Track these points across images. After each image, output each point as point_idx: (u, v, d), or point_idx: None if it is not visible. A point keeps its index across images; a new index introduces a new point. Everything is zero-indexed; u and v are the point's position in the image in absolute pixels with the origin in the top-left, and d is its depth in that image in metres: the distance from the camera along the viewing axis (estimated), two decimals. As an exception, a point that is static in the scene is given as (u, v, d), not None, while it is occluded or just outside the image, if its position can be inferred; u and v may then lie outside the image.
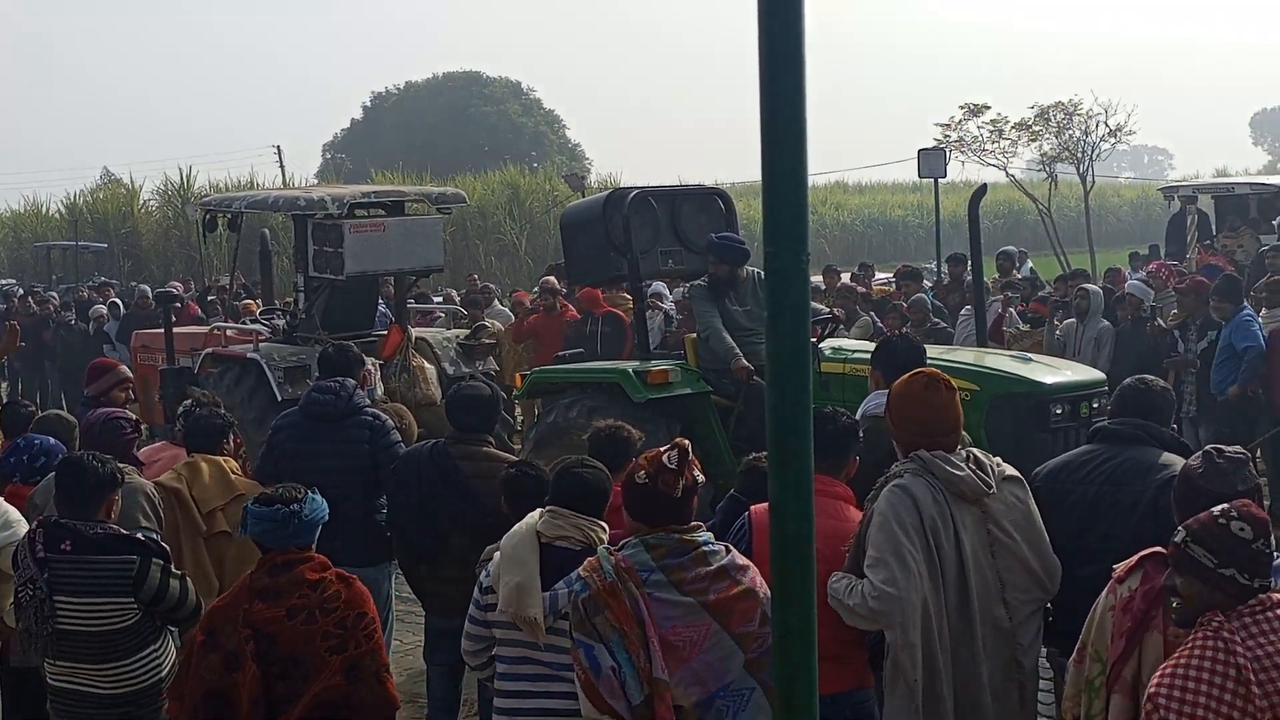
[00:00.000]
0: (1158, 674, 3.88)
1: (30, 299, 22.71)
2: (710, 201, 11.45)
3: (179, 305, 17.37)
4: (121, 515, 5.86)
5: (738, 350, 9.54)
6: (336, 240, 12.19)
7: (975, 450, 5.19)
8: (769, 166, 3.03)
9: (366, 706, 5.03)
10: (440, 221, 13.48)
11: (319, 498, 5.22)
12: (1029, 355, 9.83)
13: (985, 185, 11.37)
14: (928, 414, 5.14)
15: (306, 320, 12.68)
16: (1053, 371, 9.02)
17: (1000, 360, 9.15)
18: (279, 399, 11.67)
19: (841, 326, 13.49)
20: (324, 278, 12.45)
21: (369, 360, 10.51)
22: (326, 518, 5.26)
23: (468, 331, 14.02)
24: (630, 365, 10.07)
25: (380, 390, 11.73)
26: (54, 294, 24.39)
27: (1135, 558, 4.45)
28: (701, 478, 4.78)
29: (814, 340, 9.25)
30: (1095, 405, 8.63)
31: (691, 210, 11.17)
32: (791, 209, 3.04)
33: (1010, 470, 5.24)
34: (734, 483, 6.28)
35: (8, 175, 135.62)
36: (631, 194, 10.68)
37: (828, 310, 11.17)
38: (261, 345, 12.42)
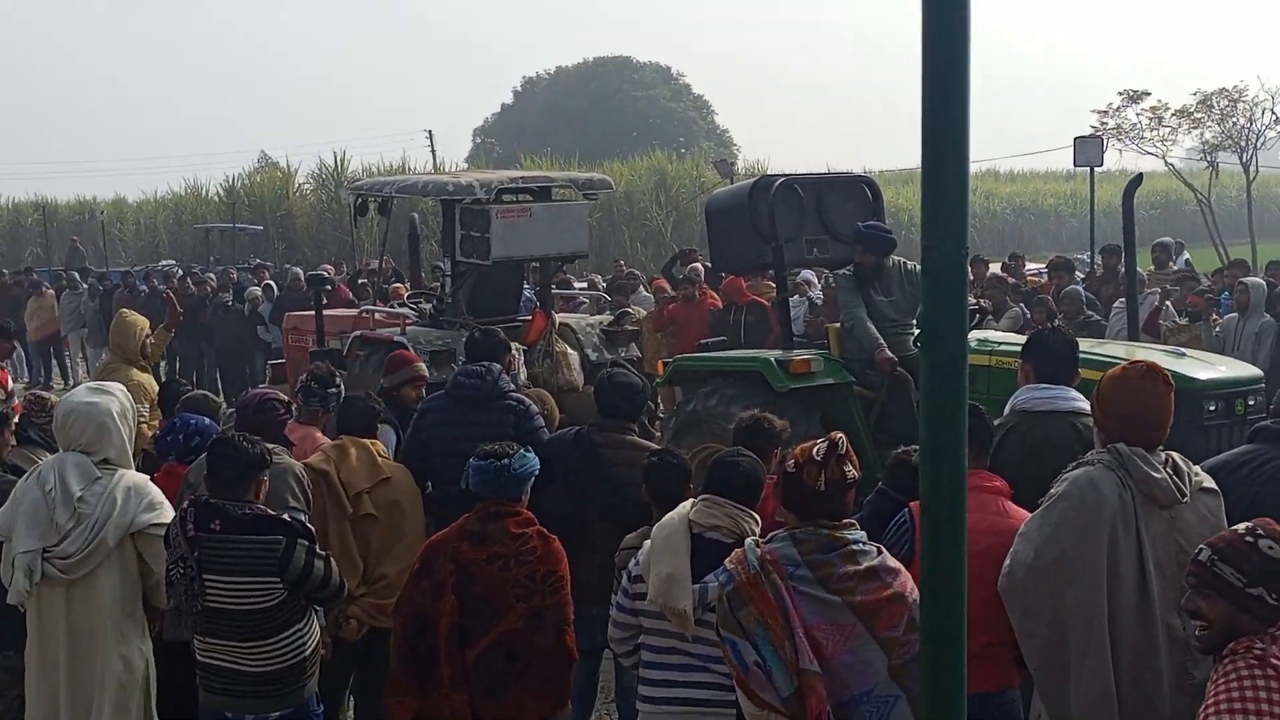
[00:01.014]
0: (1212, 708, 3.65)
1: (189, 279, 23.30)
2: (857, 189, 11.31)
3: (330, 288, 17.65)
4: (271, 495, 5.94)
5: (882, 341, 9.41)
6: (484, 225, 12.27)
7: (1175, 455, 5.00)
8: (930, 162, 2.96)
9: (544, 653, 5.56)
10: (586, 208, 13.50)
11: (531, 454, 5.76)
12: (1182, 350, 9.59)
13: (1140, 175, 11.10)
14: (1139, 404, 4.96)
15: (453, 305, 12.79)
16: (1207, 367, 8.80)
17: (1152, 354, 8.89)
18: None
19: (990, 318, 13.30)
20: (470, 262, 12.55)
21: (514, 345, 10.57)
22: (536, 472, 5.78)
23: (611, 317, 14.04)
24: (772, 354, 10.01)
25: (524, 375, 11.80)
26: (211, 275, 24.99)
27: None
28: (853, 473, 4.69)
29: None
30: (1251, 402, 8.41)
31: (838, 199, 11.04)
32: (952, 204, 2.98)
33: (1209, 482, 5.02)
34: (882, 476, 6.20)
35: (170, 159, 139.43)
36: (777, 182, 10.59)
37: (975, 301, 10.99)
38: (408, 329, 12.56)
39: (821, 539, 4.64)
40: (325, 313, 13.92)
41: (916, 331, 9.75)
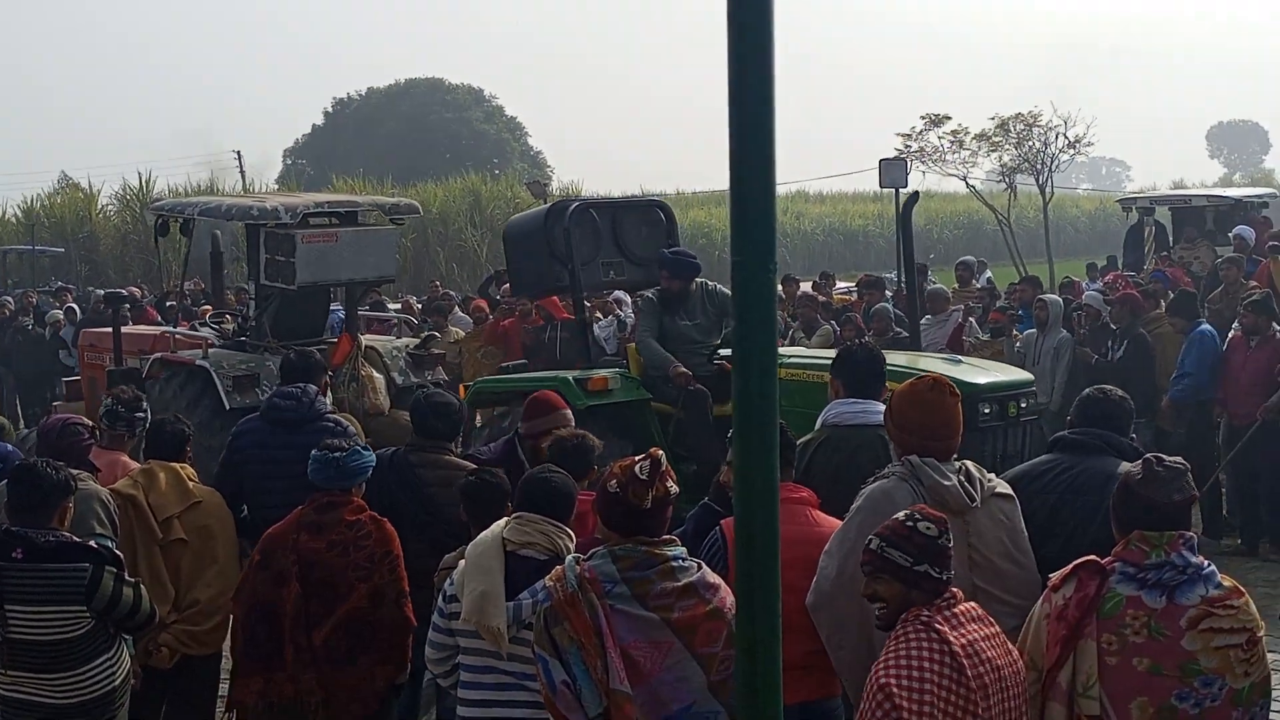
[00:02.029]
0: (881, 665, 4.08)
1: (-14, 304, 22.50)
2: (651, 213, 11.62)
3: (128, 306, 17.24)
4: (76, 522, 5.81)
5: (671, 358, 9.70)
6: (289, 250, 12.11)
7: (969, 464, 5.17)
8: (737, 176, 3.02)
9: (388, 625, 5.99)
10: (394, 232, 13.46)
11: (367, 452, 6.21)
12: (959, 357, 10.15)
13: (917, 193, 11.63)
14: (928, 416, 5.13)
15: (257, 328, 12.60)
16: (981, 372, 9.27)
17: (931, 362, 9.36)
18: (227, 407, 11.59)
19: (802, 335, 13.59)
20: (275, 286, 12.36)
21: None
22: (370, 469, 6.19)
23: (418, 341, 13.99)
24: (570, 373, 10.13)
25: (329, 399, 11.68)
26: (9, 298, 24.17)
27: (1070, 566, 4.47)
28: (675, 489, 4.72)
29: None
30: (1023, 404, 8.90)
31: (633, 222, 11.32)
32: (759, 219, 3.04)
33: (1003, 487, 5.20)
34: (710, 492, 6.28)
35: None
36: (572, 205, 10.84)
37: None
38: (211, 352, 12.29)
39: (640, 556, 4.65)
40: (124, 331, 13.59)
41: (714, 347, 10.03)
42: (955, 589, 4.27)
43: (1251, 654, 4.27)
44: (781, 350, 9.52)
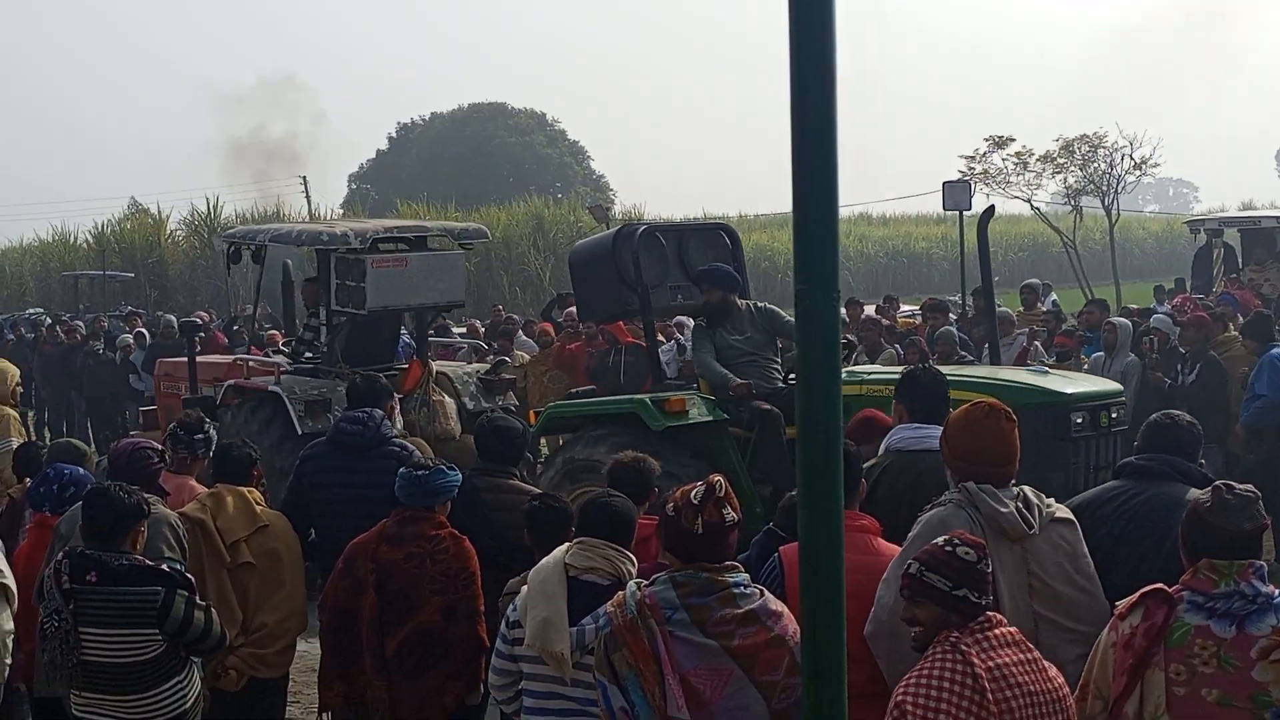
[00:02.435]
0: (903, 685, 4.15)
1: (58, 328, 22.84)
2: (716, 237, 11.62)
3: (203, 335, 17.42)
4: (146, 546, 5.87)
5: (729, 374, 9.76)
6: (359, 275, 12.21)
7: (1028, 489, 5.12)
8: (800, 205, 3.03)
9: (458, 641, 6.15)
10: (462, 257, 13.51)
11: (452, 471, 6.39)
12: (1046, 368, 9.93)
13: (993, 207, 11.48)
14: (984, 443, 5.08)
15: (328, 353, 12.69)
16: (1071, 382, 9.23)
17: (1018, 373, 9.34)
18: (299, 432, 11.67)
19: (866, 359, 13.54)
20: (346, 311, 12.47)
21: (389, 393, 10.52)
22: (454, 489, 6.37)
23: (488, 366, 14.04)
24: (647, 395, 10.12)
25: (400, 424, 11.73)
26: (80, 323, 24.52)
27: (1137, 595, 4.43)
28: (732, 515, 4.67)
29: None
30: (1114, 414, 8.78)
31: (698, 245, 11.33)
32: (822, 247, 3.05)
33: (1062, 512, 5.14)
34: (775, 517, 6.26)
35: (36, 205, 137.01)
36: (640, 230, 10.83)
37: (844, 338, 11.24)
38: (283, 378, 12.42)
39: (701, 582, 4.63)
40: (199, 360, 13.75)
41: (787, 369, 10.02)
42: (993, 613, 4.29)
43: (1325, 686, 4.20)
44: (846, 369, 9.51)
